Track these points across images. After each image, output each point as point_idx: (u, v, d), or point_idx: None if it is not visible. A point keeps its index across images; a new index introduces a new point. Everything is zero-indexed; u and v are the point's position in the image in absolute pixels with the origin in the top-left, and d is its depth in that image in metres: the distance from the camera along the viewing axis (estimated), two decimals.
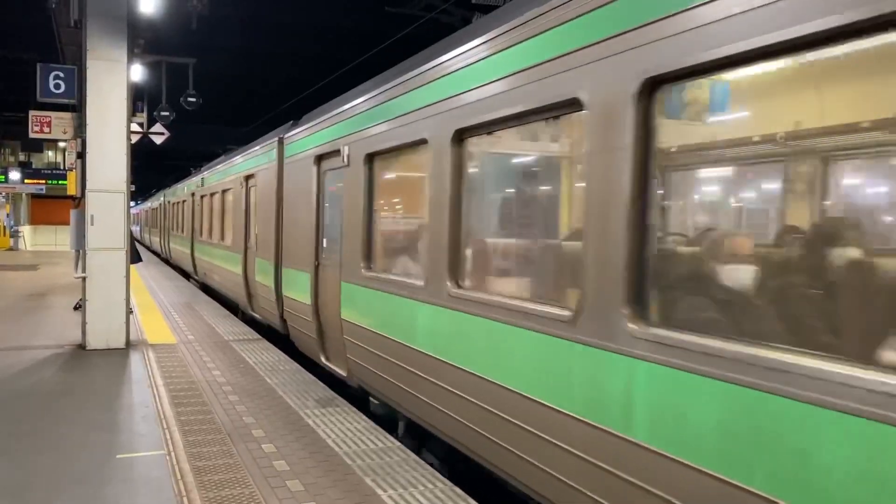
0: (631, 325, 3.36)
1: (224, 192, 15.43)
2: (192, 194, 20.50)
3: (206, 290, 18.35)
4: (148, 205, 44.79)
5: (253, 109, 31.29)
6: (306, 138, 9.15)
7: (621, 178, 3.45)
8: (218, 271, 15.97)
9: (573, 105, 3.88)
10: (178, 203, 24.69)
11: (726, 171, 3.56)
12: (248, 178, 12.71)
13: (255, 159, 12.14)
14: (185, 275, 22.60)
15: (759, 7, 2.78)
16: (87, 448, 5.59)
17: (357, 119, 7.24)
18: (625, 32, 3.45)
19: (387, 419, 6.70)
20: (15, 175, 37.89)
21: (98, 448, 5.59)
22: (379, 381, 6.53)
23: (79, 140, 9.92)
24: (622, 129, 3.45)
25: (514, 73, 4.40)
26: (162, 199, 32.22)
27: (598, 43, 3.66)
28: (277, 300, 10.26)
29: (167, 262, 28.60)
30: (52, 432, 5.98)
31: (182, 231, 22.93)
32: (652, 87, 3.33)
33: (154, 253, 35.00)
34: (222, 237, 15.47)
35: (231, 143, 26.83)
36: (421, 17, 16.05)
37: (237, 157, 14.36)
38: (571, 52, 3.86)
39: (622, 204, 3.45)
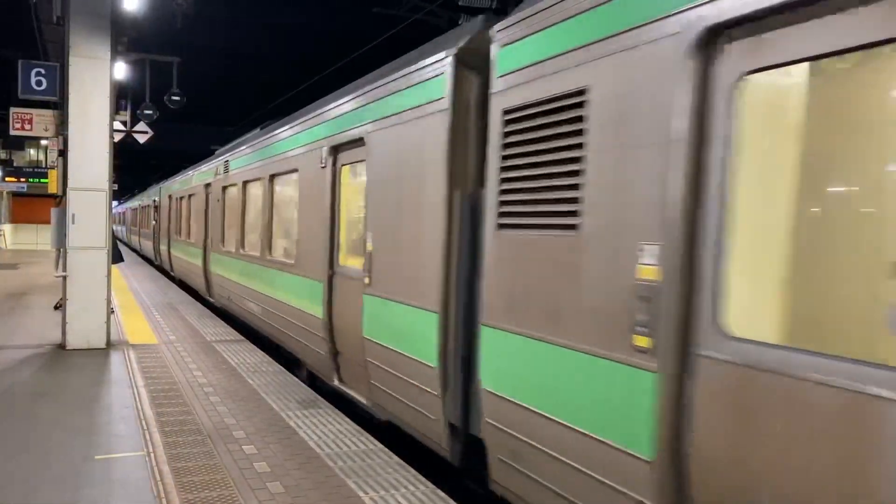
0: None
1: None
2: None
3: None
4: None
5: (238, 109, 31.14)
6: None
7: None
8: None
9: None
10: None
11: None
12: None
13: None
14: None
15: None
16: (66, 449, 5.52)
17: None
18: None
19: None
20: None
21: (76, 449, 5.52)
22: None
23: (60, 138, 9.83)
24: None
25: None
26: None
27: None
28: (166, 256, 20.53)
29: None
30: (30, 433, 5.90)
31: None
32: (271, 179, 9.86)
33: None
34: None
35: (216, 143, 26.68)
36: (408, 18, 16.05)
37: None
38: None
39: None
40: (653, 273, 3.07)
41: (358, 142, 6.57)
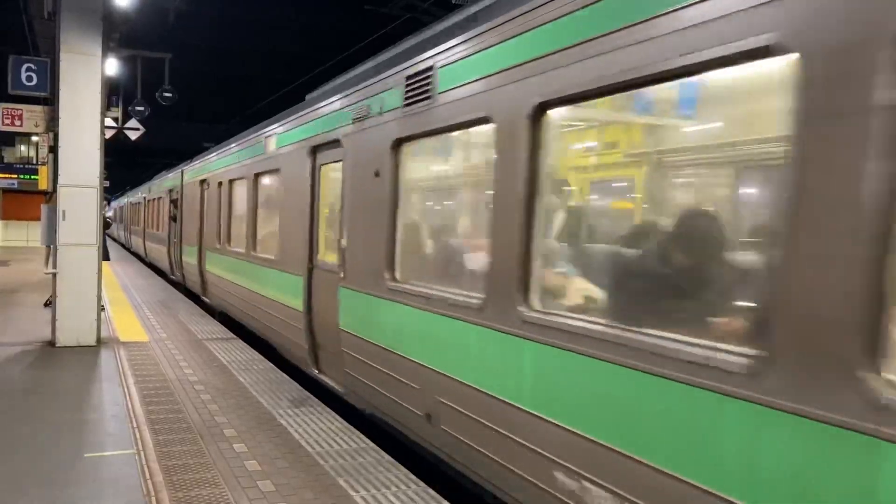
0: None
1: None
2: None
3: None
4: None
5: (229, 107, 31.04)
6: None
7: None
8: None
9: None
10: None
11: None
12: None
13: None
14: None
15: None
16: (55, 447, 5.50)
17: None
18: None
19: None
20: None
21: (66, 447, 5.49)
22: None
23: (51, 134, 9.77)
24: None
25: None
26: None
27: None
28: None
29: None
30: (19, 431, 5.87)
31: None
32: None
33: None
34: None
35: (208, 140, 26.57)
36: (400, 16, 16.02)
37: None
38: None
39: None
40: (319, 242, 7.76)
41: None
